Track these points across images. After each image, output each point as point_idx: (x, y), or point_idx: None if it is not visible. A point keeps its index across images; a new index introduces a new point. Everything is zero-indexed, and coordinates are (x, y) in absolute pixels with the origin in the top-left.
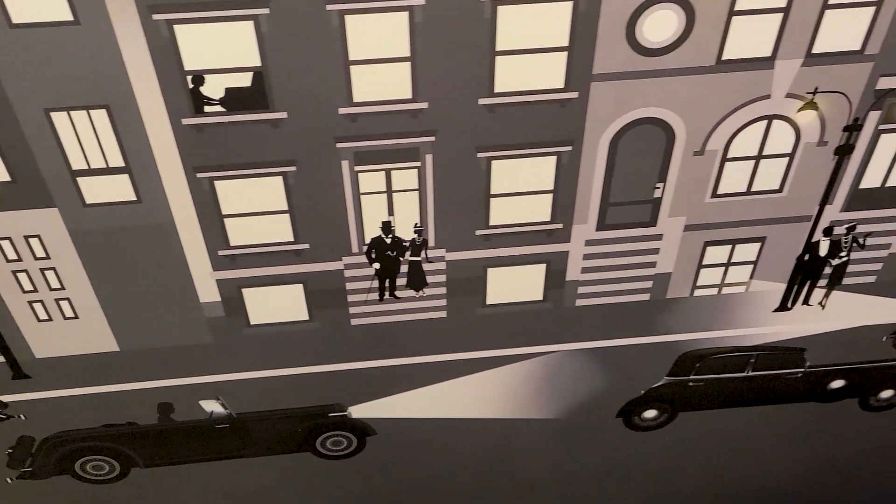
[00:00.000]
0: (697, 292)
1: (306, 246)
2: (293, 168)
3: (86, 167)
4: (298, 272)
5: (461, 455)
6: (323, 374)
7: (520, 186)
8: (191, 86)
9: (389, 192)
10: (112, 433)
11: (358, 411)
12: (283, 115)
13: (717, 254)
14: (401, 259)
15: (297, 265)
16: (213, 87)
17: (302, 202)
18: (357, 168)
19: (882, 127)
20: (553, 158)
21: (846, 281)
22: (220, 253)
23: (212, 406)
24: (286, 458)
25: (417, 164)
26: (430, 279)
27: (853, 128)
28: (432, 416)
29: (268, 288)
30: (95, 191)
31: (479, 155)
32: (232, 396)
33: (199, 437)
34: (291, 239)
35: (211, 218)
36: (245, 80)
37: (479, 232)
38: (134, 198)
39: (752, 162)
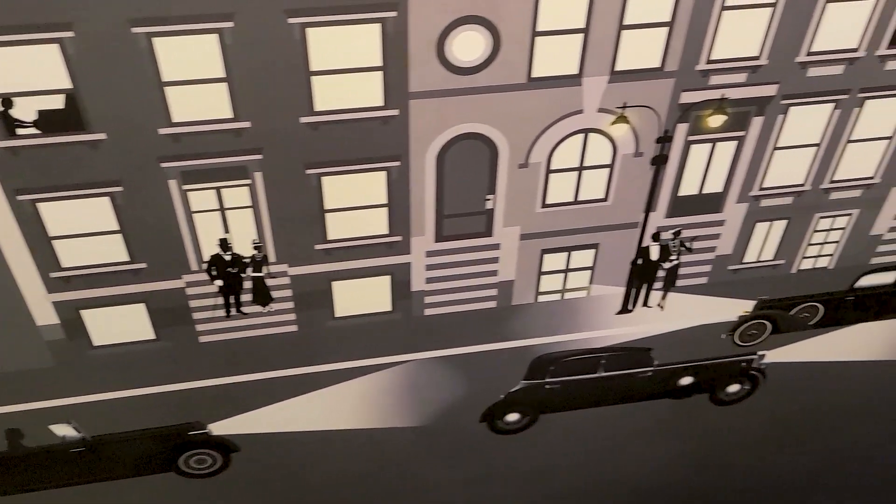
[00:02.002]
0: (542, 298)
1: (143, 265)
2: (119, 188)
3: None
4: (138, 291)
5: (331, 466)
6: (179, 392)
7: (354, 201)
8: (0, 108)
9: (222, 209)
10: None
11: (219, 428)
12: (102, 136)
13: (555, 261)
14: (243, 275)
15: (135, 285)
16: (25, 110)
17: (133, 222)
18: (186, 187)
19: (691, 138)
20: (383, 173)
21: (680, 283)
22: (53, 275)
23: (64, 430)
24: (157, 479)
25: (247, 181)
26: (275, 294)
27: (664, 139)
28: (296, 430)
29: (108, 308)
30: None
31: (309, 171)
32: (87, 419)
33: (54, 462)
34: (127, 259)
35: (39, 240)
36: (58, 102)
37: (318, 246)
38: None
39: (576, 173)
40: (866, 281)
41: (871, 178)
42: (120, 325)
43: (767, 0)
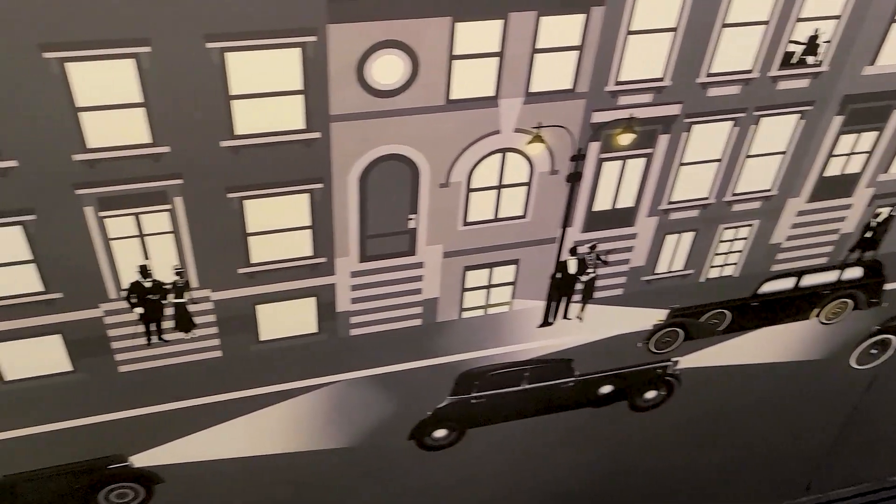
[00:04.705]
0: (465, 314)
1: (59, 295)
2: (33, 216)
3: None
4: (53, 322)
5: (257, 492)
6: (98, 424)
7: (277, 224)
8: None
9: (141, 235)
10: None
11: (141, 460)
12: (14, 163)
13: (477, 277)
14: (164, 302)
15: (50, 315)
16: None
17: (48, 250)
18: (102, 214)
19: (603, 156)
20: (306, 196)
21: (597, 294)
22: None
23: None
24: None
25: (168, 206)
26: (198, 320)
27: (578, 157)
28: (222, 457)
29: (21, 341)
30: None
31: (230, 195)
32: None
33: None
34: (41, 289)
35: None
36: None
37: (241, 270)
38: None
39: (495, 191)
40: (768, 287)
41: (769, 190)
42: (34, 357)
43: (669, 25)
